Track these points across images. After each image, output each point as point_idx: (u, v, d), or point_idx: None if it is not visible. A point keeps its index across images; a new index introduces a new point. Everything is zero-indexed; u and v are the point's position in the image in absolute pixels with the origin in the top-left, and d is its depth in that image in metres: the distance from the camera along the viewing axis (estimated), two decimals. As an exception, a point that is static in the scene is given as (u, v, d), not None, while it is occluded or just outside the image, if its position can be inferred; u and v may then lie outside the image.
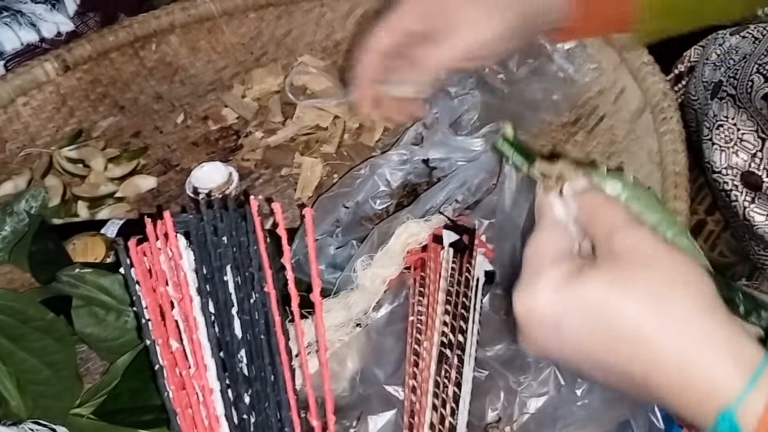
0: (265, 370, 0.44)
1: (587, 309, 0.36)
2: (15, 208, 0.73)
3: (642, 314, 0.35)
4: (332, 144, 0.81)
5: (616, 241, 0.37)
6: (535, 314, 0.38)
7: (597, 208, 0.39)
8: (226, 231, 0.47)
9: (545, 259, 0.38)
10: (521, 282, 0.39)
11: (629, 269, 0.36)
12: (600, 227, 0.39)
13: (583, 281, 0.37)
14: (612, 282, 0.36)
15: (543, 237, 0.40)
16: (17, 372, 0.59)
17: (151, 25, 0.88)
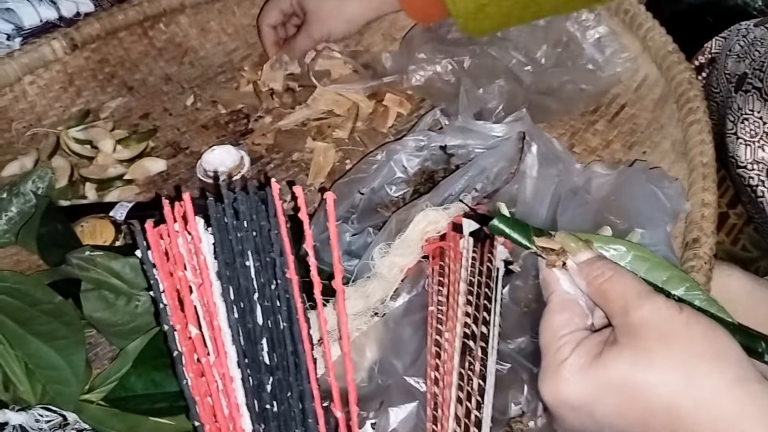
0: (287, 359, 0.43)
1: (616, 390, 0.37)
2: (21, 188, 0.72)
3: (673, 392, 0.36)
4: (345, 129, 0.80)
5: (632, 315, 0.38)
6: (566, 403, 0.38)
7: (606, 283, 0.39)
8: (246, 215, 0.45)
9: (564, 343, 0.39)
10: (544, 371, 0.40)
11: (651, 345, 0.37)
12: (613, 302, 0.39)
13: (605, 363, 0.37)
14: (635, 360, 0.37)
15: (556, 318, 0.41)
16: (25, 356, 0.58)
17: (161, 5, 0.86)
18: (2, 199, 0.71)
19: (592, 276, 0.40)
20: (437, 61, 0.79)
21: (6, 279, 0.61)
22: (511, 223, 0.44)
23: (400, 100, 0.82)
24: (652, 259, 0.43)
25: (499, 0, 0.72)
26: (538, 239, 0.42)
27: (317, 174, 0.76)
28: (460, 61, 0.78)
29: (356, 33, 0.83)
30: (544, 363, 0.40)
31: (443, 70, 0.79)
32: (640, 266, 0.42)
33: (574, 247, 0.42)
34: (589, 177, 0.66)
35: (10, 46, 0.85)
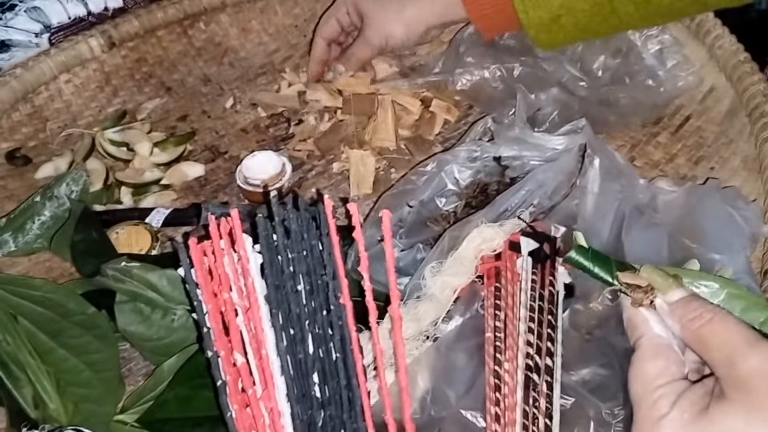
0: (340, 393, 0.39)
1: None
2: (55, 191, 0.69)
3: None
4: (390, 136, 0.76)
5: (740, 365, 0.34)
6: None
7: (705, 328, 0.36)
8: (298, 234, 0.42)
9: (661, 395, 0.36)
10: (640, 426, 0.36)
11: (763, 399, 0.33)
12: (716, 351, 0.36)
13: (713, 419, 0.34)
14: (748, 417, 0.33)
15: (649, 367, 0.37)
16: (56, 372, 0.55)
17: (202, 3, 0.83)
18: (36, 203, 0.68)
19: (688, 318, 0.36)
20: (486, 66, 0.75)
21: (38, 288, 0.58)
22: (591, 256, 0.40)
23: (447, 106, 0.78)
24: (748, 298, 0.39)
25: (576, 11, 0.67)
26: (622, 274, 0.39)
27: (360, 184, 0.72)
28: (510, 69, 0.74)
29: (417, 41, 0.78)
30: (639, 417, 0.36)
31: (491, 76, 0.75)
32: (734, 306, 0.39)
33: (663, 283, 0.38)
34: (654, 194, 0.62)
35: (39, 44, 0.83)
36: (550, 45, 0.72)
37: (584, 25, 0.68)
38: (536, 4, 0.68)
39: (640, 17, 0.68)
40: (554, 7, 0.67)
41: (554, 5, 0.67)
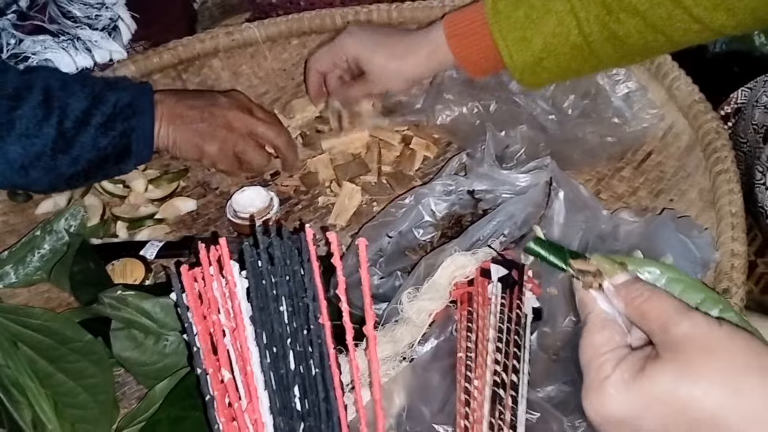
0: (318, 405, 0.43)
1: (661, 404, 0.37)
2: (54, 226, 0.73)
3: (719, 404, 0.36)
4: (372, 172, 0.81)
5: (673, 330, 0.38)
6: (610, 419, 0.38)
7: (644, 302, 0.40)
8: (281, 260, 0.46)
9: (605, 360, 0.39)
10: (587, 389, 0.40)
11: (694, 358, 0.37)
12: (653, 321, 0.39)
13: (649, 377, 0.37)
14: (679, 373, 0.37)
15: (596, 337, 0.41)
16: (54, 395, 0.58)
17: (195, 49, 0.88)
18: (35, 237, 0.72)
19: (631, 297, 0.40)
20: (464, 103, 0.80)
21: (37, 317, 0.61)
22: (547, 246, 0.44)
23: (427, 143, 0.83)
24: (686, 281, 0.43)
25: (557, 54, 0.72)
26: (574, 262, 0.43)
27: (340, 215, 0.77)
28: (486, 105, 0.79)
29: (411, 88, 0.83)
30: (587, 381, 0.40)
31: (469, 113, 0.80)
32: (674, 288, 0.43)
33: (610, 269, 0.42)
34: (616, 224, 0.67)
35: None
36: (534, 85, 0.77)
37: (566, 66, 0.73)
38: (519, 48, 0.73)
39: (618, 57, 0.73)
40: (536, 51, 0.72)
41: (536, 49, 0.72)
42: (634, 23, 0.68)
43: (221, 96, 0.80)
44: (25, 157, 0.69)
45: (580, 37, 0.70)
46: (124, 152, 0.74)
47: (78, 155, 0.71)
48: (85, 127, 0.70)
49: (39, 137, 0.69)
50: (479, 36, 0.75)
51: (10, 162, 0.68)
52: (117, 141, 0.72)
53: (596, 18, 0.69)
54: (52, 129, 0.69)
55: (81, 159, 0.71)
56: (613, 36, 0.70)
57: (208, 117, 0.76)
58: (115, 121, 0.72)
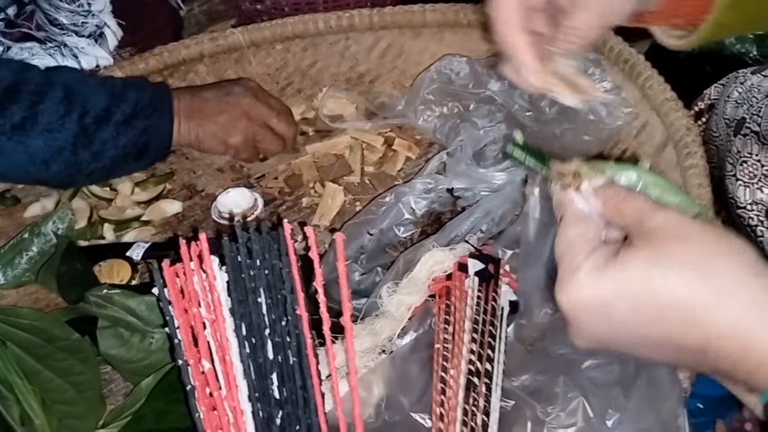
0: (296, 393, 0.44)
1: (633, 290, 0.37)
2: (42, 229, 0.75)
3: (691, 288, 0.36)
4: (356, 173, 0.82)
5: (647, 222, 0.38)
6: (582, 305, 0.38)
7: (621, 201, 0.40)
8: (259, 254, 0.48)
9: (579, 251, 0.39)
10: (561, 278, 0.39)
11: (667, 245, 0.37)
12: (628, 216, 0.40)
13: (623, 263, 0.37)
14: (652, 259, 0.37)
15: (571, 231, 0.41)
16: (42, 391, 0.59)
17: (181, 54, 0.90)
18: (24, 239, 0.74)
19: (608, 196, 0.41)
20: (444, 103, 0.82)
21: (25, 316, 0.63)
22: (527, 149, 0.45)
23: (409, 144, 0.85)
24: (663, 184, 0.43)
25: None
26: (554, 164, 0.43)
27: (323, 215, 0.78)
28: (466, 105, 0.81)
29: None
30: (560, 272, 0.40)
31: (449, 112, 0.82)
32: (652, 191, 0.43)
33: (589, 172, 0.42)
34: (591, 219, 0.68)
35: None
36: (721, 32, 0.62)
37: None
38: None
39: None
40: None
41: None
42: None
43: (234, 85, 0.82)
44: (47, 151, 0.70)
45: None
46: (143, 149, 0.75)
47: (99, 151, 0.72)
48: (105, 123, 0.72)
49: (61, 132, 0.70)
50: None
51: (31, 155, 0.70)
52: (137, 138, 0.74)
53: None
54: (74, 124, 0.70)
55: (101, 155, 0.73)
56: None
57: (226, 108, 0.79)
58: (136, 118, 0.74)
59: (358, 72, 0.93)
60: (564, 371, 0.55)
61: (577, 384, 0.53)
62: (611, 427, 0.49)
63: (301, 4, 0.98)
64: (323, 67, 0.93)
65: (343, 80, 0.93)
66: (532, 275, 0.64)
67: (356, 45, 0.93)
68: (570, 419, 0.52)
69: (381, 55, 0.93)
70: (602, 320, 0.38)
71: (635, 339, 0.38)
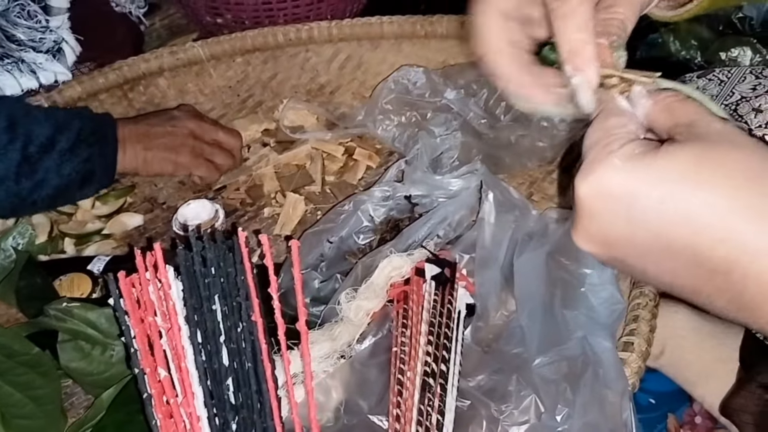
0: (251, 398, 0.45)
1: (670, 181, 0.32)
2: (2, 244, 0.74)
3: (733, 197, 0.31)
4: (317, 182, 0.84)
5: (702, 125, 0.34)
6: (606, 193, 0.33)
7: (676, 102, 0.36)
8: (214, 262, 0.49)
9: (615, 138, 0.34)
10: (587, 164, 0.34)
11: (719, 148, 0.32)
12: (680, 116, 0.35)
13: (666, 152, 0.32)
14: (700, 158, 0.32)
15: (608, 121, 0.36)
16: (2, 406, 0.59)
17: (140, 68, 0.91)
18: (-17, 256, 0.73)
19: (661, 96, 0.36)
20: (402, 112, 0.84)
21: (-16, 332, 0.63)
22: None
23: (369, 153, 0.86)
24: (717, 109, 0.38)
25: None
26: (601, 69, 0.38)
27: (285, 225, 0.79)
28: (423, 113, 0.83)
29: None
30: (588, 158, 0.34)
31: (407, 121, 0.84)
32: None
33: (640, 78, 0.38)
34: (545, 223, 0.70)
35: (-9, 114, 0.89)
36: None
37: None
38: None
39: None
40: None
41: None
42: None
43: (174, 111, 0.84)
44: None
45: None
46: (87, 177, 0.76)
47: (42, 180, 0.72)
48: (49, 152, 0.72)
49: (3, 161, 0.70)
50: None
51: None
52: (81, 166, 0.75)
53: None
54: (17, 153, 0.70)
55: (45, 184, 0.73)
56: None
57: (172, 130, 0.81)
58: (80, 146, 0.74)
59: (318, 83, 0.95)
60: (517, 370, 0.56)
61: (529, 381, 0.54)
62: (560, 421, 0.51)
63: (261, 17, 0.99)
64: (284, 79, 0.95)
65: (303, 92, 0.94)
66: (488, 279, 0.66)
67: (316, 57, 0.95)
68: (523, 416, 0.53)
69: (340, 66, 0.95)
70: (623, 212, 0.33)
71: (653, 244, 0.33)
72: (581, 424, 0.50)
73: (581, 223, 0.35)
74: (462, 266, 0.67)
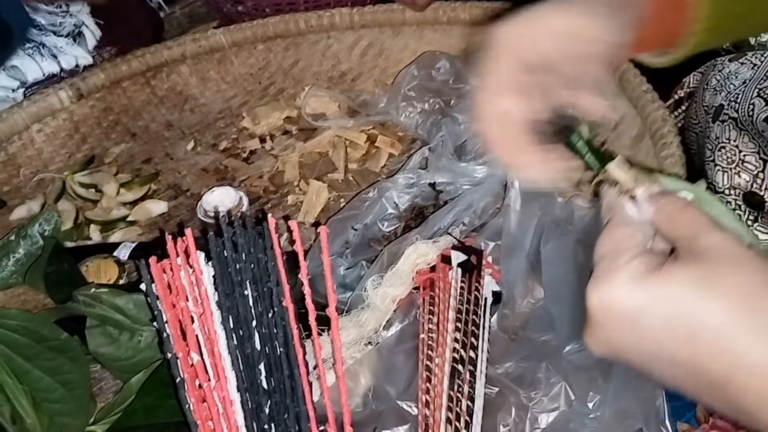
0: (284, 383, 0.45)
1: (672, 305, 0.35)
2: (29, 231, 0.75)
3: (731, 318, 0.34)
4: (339, 170, 0.83)
5: (701, 240, 0.36)
6: (614, 309, 0.36)
7: (677, 211, 0.38)
8: (245, 248, 0.49)
9: (622, 252, 0.37)
10: (597, 276, 0.37)
11: (716, 268, 0.35)
12: (682, 228, 0.37)
13: (667, 274, 0.35)
14: (699, 279, 0.35)
15: (617, 233, 0.39)
16: (32, 390, 0.60)
17: (163, 56, 0.90)
18: (10, 242, 0.74)
19: (663, 204, 0.38)
20: (425, 99, 0.83)
21: (14, 317, 0.63)
22: (590, 145, 0.43)
23: (391, 141, 0.86)
24: (720, 207, 0.41)
25: None
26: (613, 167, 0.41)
27: (308, 212, 0.79)
28: (447, 100, 0.82)
29: None
30: (598, 270, 0.37)
31: (430, 108, 0.83)
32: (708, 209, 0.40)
33: (647, 181, 0.40)
34: (571, 210, 0.70)
35: (15, 98, 0.90)
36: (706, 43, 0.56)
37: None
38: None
39: None
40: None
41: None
42: None
43: None
44: None
45: None
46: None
47: None
48: None
49: None
50: None
51: None
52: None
53: None
54: None
55: None
56: None
57: None
58: None
59: (339, 70, 0.94)
60: (546, 357, 0.56)
61: (558, 369, 0.54)
62: (592, 408, 0.51)
63: (281, 4, 0.99)
64: (305, 66, 0.94)
65: (325, 79, 0.94)
66: (514, 266, 0.65)
67: (337, 44, 0.94)
68: (553, 403, 0.53)
69: (362, 53, 0.94)
70: (630, 329, 0.36)
71: (657, 355, 0.36)
72: (614, 411, 0.49)
73: (592, 330, 0.38)
74: (487, 254, 0.67)
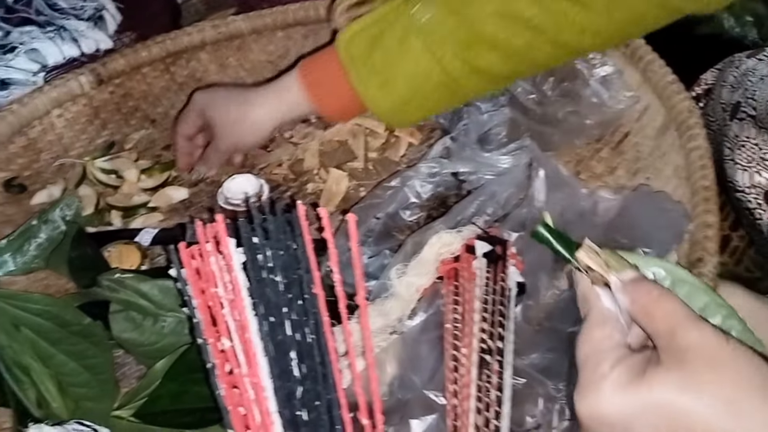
0: (315, 370, 0.45)
1: (658, 411, 0.36)
2: (50, 216, 0.75)
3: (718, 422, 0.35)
4: (359, 158, 0.83)
5: (679, 338, 0.37)
6: (603, 419, 0.38)
7: (653, 303, 0.39)
8: (275, 234, 0.48)
9: (604, 358, 0.39)
10: (582, 386, 0.39)
11: (698, 371, 0.36)
12: (659, 323, 0.38)
13: (650, 382, 0.37)
14: (681, 385, 0.36)
15: (596, 333, 0.40)
16: (58, 374, 0.60)
17: (183, 42, 0.90)
18: (32, 226, 0.74)
19: (638, 294, 0.40)
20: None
21: (38, 302, 0.63)
22: (555, 234, 0.43)
23: (411, 130, 0.85)
24: (692, 283, 0.42)
25: (423, 93, 0.70)
26: (581, 254, 0.42)
27: (329, 201, 0.79)
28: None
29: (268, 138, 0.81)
30: (583, 377, 0.39)
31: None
32: (679, 290, 0.42)
33: (618, 265, 0.41)
34: (595, 201, 0.69)
35: (35, 82, 0.90)
36: (404, 123, 0.75)
37: (435, 101, 0.71)
38: (383, 94, 0.70)
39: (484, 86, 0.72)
40: (401, 94, 0.70)
41: (401, 92, 0.70)
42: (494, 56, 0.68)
43: None
44: None
45: (443, 75, 0.69)
46: None
47: None
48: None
49: None
50: (337, 83, 0.72)
51: None
52: None
53: (454, 55, 0.68)
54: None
55: None
56: (476, 69, 0.69)
57: None
58: None
59: (360, 59, 0.93)
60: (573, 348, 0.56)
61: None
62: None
63: (301, -9, 0.98)
64: (325, 54, 0.94)
65: (344, 67, 0.93)
66: (537, 257, 0.65)
67: (358, 32, 0.93)
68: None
69: (382, 41, 0.93)
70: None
71: None
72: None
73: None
74: (511, 244, 0.67)
